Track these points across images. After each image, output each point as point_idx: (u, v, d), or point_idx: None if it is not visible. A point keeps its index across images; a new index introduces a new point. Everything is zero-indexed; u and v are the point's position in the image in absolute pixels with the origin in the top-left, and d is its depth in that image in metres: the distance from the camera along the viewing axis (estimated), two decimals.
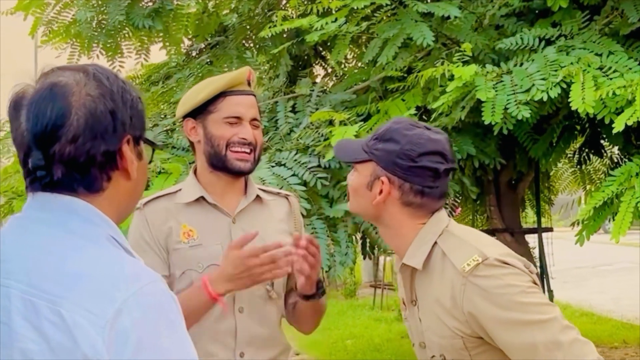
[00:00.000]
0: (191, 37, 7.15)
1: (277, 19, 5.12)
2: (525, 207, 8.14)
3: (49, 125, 1.37)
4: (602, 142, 6.64)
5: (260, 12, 6.83)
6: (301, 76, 6.32)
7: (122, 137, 1.44)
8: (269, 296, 2.55)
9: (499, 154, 5.49)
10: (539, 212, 7.37)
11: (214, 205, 2.54)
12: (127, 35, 6.69)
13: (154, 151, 1.61)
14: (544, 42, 4.73)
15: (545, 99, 4.15)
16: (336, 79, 7.07)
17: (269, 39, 6.57)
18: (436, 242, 2.11)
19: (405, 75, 5.08)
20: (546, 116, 5.16)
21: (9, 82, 1.54)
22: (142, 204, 2.54)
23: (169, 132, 5.51)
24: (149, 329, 1.29)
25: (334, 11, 5.02)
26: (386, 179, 2.12)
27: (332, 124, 4.80)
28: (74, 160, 1.39)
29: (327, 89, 6.05)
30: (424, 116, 5.10)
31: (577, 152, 7.13)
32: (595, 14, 4.99)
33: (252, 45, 7.15)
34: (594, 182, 7.74)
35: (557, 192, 8.80)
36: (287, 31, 6.00)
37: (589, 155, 7.02)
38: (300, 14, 5.28)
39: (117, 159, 1.44)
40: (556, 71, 4.25)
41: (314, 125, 5.04)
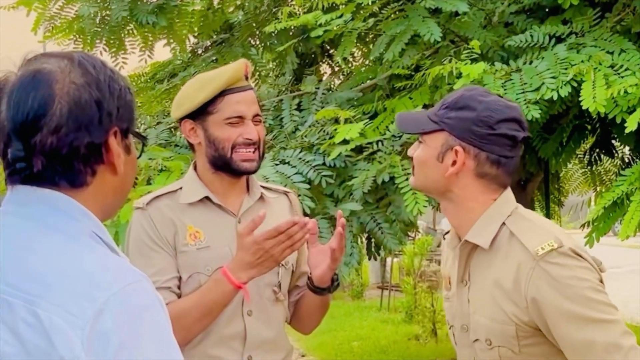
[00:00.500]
0: (196, 34, 7.11)
1: (283, 15, 5.06)
2: (534, 208, 8.06)
3: (30, 114, 1.30)
4: (613, 142, 6.56)
5: (266, 9, 6.78)
6: (307, 74, 6.27)
7: (109, 129, 1.36)
8: (276, 298, 2.50)
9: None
10: (548, 214, 7.30)
11: (218, 205, 2.48)
12: (130, 31, 6.65)
13: (144, 145, 1.52)
14: (554, 40, 4.66)
15: (555, 97, 4.08)
16: (343, 77, 7.02)
17: (275, 37, 6.52)
18: (504, 223, 2.03)
19: (412, 73, 5.01)
20: (556, 115, 5.09)
21: None
22: (145, 203, 2.47)
23: (172, 130, 5.46)
24: (132, 331, 1.22)
25: (340, 7, 4.95)
26: (461, 148, 2.03)
27: (337, 122, 4.73)
28: (56, 152, 1.31)
29: (333, 87, 6.00)
30: None
31: (587, 152, 7.05)
32: (606, 11, 4.92)
33: (258, 42, 7.11)
34: (605, 183, 7.66)
35: (567, 193, 8.72)
36: (293, 28, 5.95)
37: (600, 155, 6.94)
38: (306, 11, 5.22)
39: (103, 152, 1.36)
40: (566, 69, 4.18)
41: (319, 123, 4.98)
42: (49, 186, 1.33)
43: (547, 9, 5.36)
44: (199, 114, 2.45)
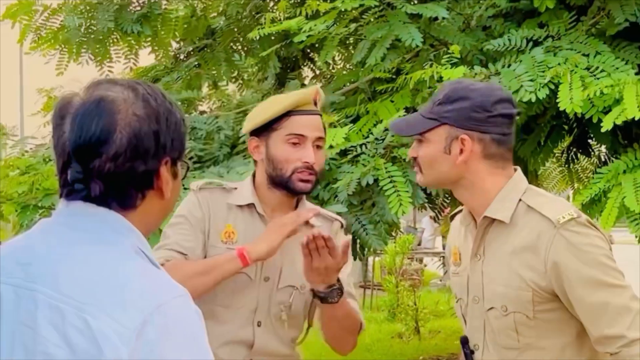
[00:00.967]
0: (179, 40, 7.15)
1: (266, 21, 5.13)
2: None
3: (93, 139, 1.37)
4: (589, 141, 6.67)
5: (248, 15, 6.84)
6: (290, 78, 6.34)
7: (162, 159, 1.44)
8: (280, 317, 2.57)
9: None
10: None
11: (261, 215, 2.56)
12: (115, 40, 6.68)
13: (188, 170, 1.61)
14: (531, 43, 4.75)
15: (533, 100, 4.19)
16: (325, 81, 7.08)
17: (257, 42, 6.57)
18: (520, 199, 2.19)
19: (394, 76, 5.09)
20: (534, 116, 5.17)
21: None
22: (198, 187, 2.59)
23: None
24: (173, 343, 1.31)
25: (322, 14, 5.02)
26: (466, 136, 2.17)
27: None
28: (113, 177, 1.39)
29: None
30: None
31: (565, 151, 7.15)
32: (582, 15, 5.02)
33: (241, 47, 7.15)
34: (582, 180, 7.77)
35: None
36: (275, 34, 6.01)
37: (577, 154, 7.05)
38: (288, 17, 5.28)
39: (154, 179, 1.44)
40: (544, 72, 4.28)
41: None
42: (100, 205, 1.41)
43: (523, 13, 5.44)
44: (264, 130, 2.53)
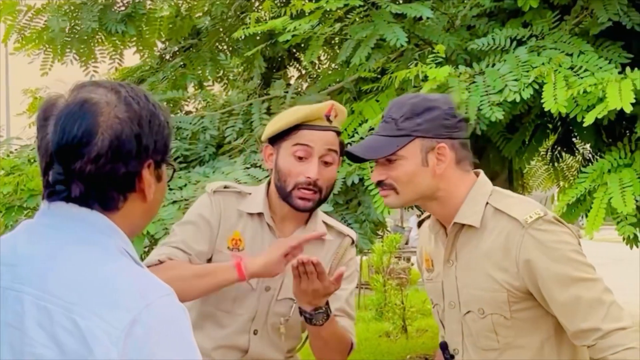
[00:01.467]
0: (164, 40, 7.14)
1: (251, 20, 5.13)
2: None
3: (74, 141, 1.38)
4: (574, 139, 6.71)
5: (233, 14, 6.84)
6: (275, 78, 6.34)
7: (144, 161, 1.45)
8: (277, 328, 2.57)
9: (472, 152, 5.52)
10: None
11: (270, 226, 2.55)
12: (100, 40, 6.68)
13: (174, 172, 1.61)
14: (515, 43, 4.77)
15: (518, 99, 4.19)
16: (310, 81, 7.09)
17: (242, 41, 6.58)
18: (487, 202, 2.21)
19: (379, 76, 5.11)
20: (518, 115, 5.20)
21: None
22: (212, 190, 2.58)
23: None
24: (162, 342, 1.31)
25: (307, 13, 5.03)
26: (442, 145, 2.19)
27: None
28: (94, 178, 1.40)
29: (301, 90, 6.07)
30: None
31: (549, 150, 7.19)
32: (565, 14, 5.04)
33: (226, 47, 7.16)
34: (568, 179, 7.81)
35: (531, 189, 8.87)
36: (260, 34, 6.00)
37: (561, 153, 7.08)
38: (273, 17, 5.28)
39: (136, 182, 1.45)
40: (528, 72, 4.29)
41: None
42: (82, 206, 1.42)
43: (507, 12, 5.46)
44: (278, 139, 2.53)
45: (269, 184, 2.60)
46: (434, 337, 9.89)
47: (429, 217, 2.40)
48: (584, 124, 4.00)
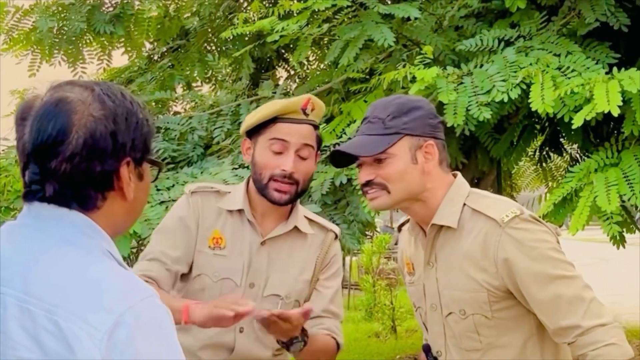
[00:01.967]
0: (153, 40, 7.14)
1: (239, 21, 5.13)
2: None
3: (49, 140, 1.37)
4: (561, 140, 6.73)
5: (221, 15, 6.84)
6: (264, 78, 6.35)
7: (121, 159, 1.43)
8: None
9: (460, 153, 5.55)
10: None
11: (250, 222, 2.55)
12: (88, 41, 6.66)
13: (160, 171, 1.60)
14: (503, 43, 4.79)
15: (505, 100, 4.20)
16: (299, 81, 7.10)
17: (231, 42, 6.58)
18: (464, 203, 2.21)
19: (367, 77, 5.11)
20: (506, 116, 5.22)
21: None
22: (191, 191, 2.58)
23: None
24: (145, 343, 1.31)
25: (296, 14, 5.03)
26: (429, 142, 2.20)
27: None
28: (69, 177, 1.39)
29: (289, 90, 6.07)
30: None
31: (537, 150, 7.21)
32: (553, 15, 5.06)
33: (214, 48, 7.16)
34: (556, 179, 7.84)
35: (519, 190, 8.90)
36: (249, 34, 6.00)
37: (549, 153, 7.10)
38: (261, 17, 5.28)
39: (114, 180, 1.43)
40: (516, 72, 4.30)
41: None
42: (61, 206, 1.41)
43: (495, 13, 5.48)
44: (255, 133, 2.52)
45: (249, 180, 2.59)
46: None
47: (407, 222, 2.40)
48: (573, 126, 4.02)
